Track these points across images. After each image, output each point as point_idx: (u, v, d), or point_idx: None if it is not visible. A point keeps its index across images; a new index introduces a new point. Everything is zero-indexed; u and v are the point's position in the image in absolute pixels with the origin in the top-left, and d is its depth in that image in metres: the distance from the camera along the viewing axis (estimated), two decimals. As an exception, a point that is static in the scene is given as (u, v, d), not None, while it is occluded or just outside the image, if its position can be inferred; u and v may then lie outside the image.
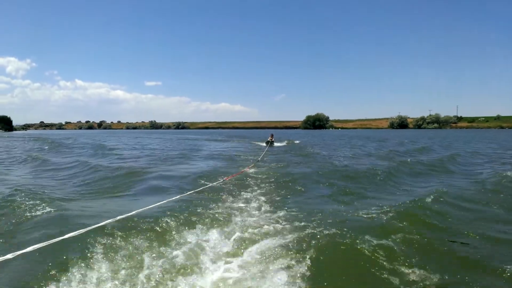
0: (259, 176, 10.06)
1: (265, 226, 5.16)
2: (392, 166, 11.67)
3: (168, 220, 5.20)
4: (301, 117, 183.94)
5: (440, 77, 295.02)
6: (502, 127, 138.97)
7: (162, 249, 4.27)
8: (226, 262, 3.97)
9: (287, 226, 5.16)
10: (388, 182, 9.19)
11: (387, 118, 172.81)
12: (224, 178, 8.79)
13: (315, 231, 4.79)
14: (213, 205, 6.38)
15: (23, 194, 6.81)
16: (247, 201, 6.95)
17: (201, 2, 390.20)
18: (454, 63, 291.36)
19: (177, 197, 6.18)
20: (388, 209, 5.96)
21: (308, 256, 4.02)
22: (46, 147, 25.17)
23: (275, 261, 3.95)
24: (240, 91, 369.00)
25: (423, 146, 24.11)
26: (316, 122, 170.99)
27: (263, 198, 7.19)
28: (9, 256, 2.74)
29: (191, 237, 4.69)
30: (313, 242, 4.45)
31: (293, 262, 3.90)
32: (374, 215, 5.71)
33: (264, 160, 14.75)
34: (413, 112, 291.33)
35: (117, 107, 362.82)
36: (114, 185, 8.91)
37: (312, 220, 5.36)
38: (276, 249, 4.26)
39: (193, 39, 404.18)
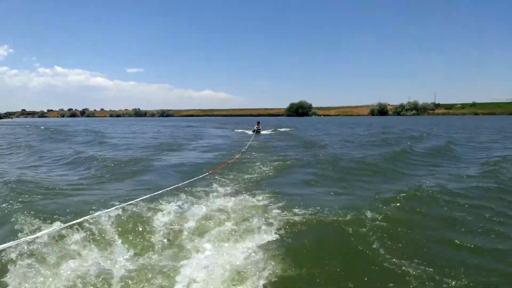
0: (245, 165, 10.10)
1: (249, 218, 5.06)
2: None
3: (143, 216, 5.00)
4: (285, 105, 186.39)
5: (419, 64, 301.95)
6: (476, 114, 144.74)
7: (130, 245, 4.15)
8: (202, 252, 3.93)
9: (273, 217, 5.04)
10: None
11: (368, 106, 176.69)
12: (210, 171, 8.46)
13: (300, 220, 4.86)
14: (196, 199, 6.06)
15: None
16: (230, 193, 6.66)
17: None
18: (432, 50, 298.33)
19: (158, 192, 5.89)
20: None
21: (292, 246, 4.10)
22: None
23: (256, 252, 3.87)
24: (223, 78, 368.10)
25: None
26: (299, 110, 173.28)
27: (247, 190, 6.97)
28: None
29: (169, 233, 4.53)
30: (296, 230, 4.57)
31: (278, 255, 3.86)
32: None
33: (251, 149, 14.72)
34: (394, 99, 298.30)
35: (99, 95, 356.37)
36: (108, 175, 8.86)
37: (299, 210, 5.30)
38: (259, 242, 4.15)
39: (174, 24, 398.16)
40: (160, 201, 5.62)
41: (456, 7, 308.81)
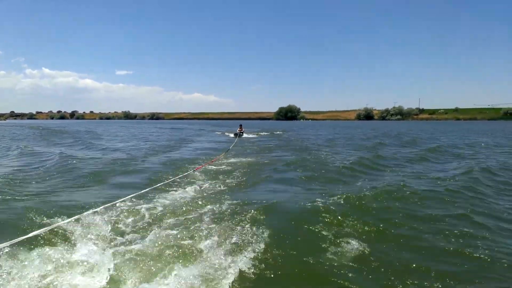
0: (225, 167, 10.47)
1: (223, 217, 5.19)
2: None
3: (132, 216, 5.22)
4: (274, 108, 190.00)
5: (406, 70, 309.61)
6: (458, 119, 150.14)
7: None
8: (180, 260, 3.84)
9: (245, 217, 5.17)
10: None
11: (355, 110, 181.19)
12: (195, 169, 8.95)
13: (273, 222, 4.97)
14: (174, 198, 6.40)
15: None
16: (212, 192, 6.99)
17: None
18: (419, 56, 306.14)
19: (146, 189, 6.30)
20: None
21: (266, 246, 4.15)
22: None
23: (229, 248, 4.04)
24: (213, 81, 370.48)
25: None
26: (288, 114, 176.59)
27: (225, 188, 7.36)
28: None
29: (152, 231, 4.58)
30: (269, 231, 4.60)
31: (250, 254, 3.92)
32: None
33: (233, 151, 15.33)
34: (380, 104, 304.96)
35: (87, 97, 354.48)
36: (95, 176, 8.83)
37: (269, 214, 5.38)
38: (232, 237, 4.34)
39: (163, 27, 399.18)
40: (143, 201, 6.02)
41: (443, 14, 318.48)
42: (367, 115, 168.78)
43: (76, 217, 4.44)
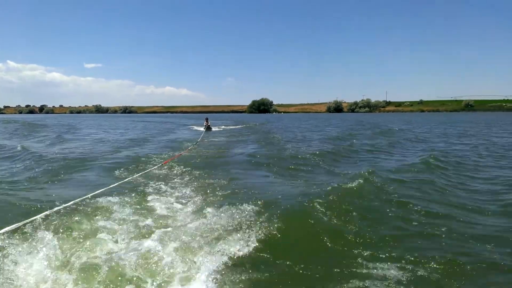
0: (195, 158, 10.56)
1: (198, 211, 5.12)
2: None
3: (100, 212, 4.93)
4: (248, 102, 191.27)
5: (373, 63, 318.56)
6: (422, 111, 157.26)
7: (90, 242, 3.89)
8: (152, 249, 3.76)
9: (219, 209, 5.07)
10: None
11: (326, 103, 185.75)
12: (163, 162, 9.05)
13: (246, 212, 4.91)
14: (149, 191, 6.30)
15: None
16: (181, 185, 6.87)
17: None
18: (387, 49, 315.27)
19: (115, 184, 6.09)
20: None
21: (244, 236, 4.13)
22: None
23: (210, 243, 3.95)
24: (185, 74, 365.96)
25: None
26: (261, 107, 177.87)
27: (196, 182, 7.18)
28: None
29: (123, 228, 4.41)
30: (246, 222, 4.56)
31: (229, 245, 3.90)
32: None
33: (201, 143, 15.81)
34: (350, 97, 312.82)
35: (55, 91, 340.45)
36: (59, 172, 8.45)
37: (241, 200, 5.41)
38: (210, 231, 4.27)
39: (134, 18, 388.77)
40: (112, 196, 5.71)
41: (409, 7, 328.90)
42: (337, 108, 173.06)
43: (40, 215, 4.22)
